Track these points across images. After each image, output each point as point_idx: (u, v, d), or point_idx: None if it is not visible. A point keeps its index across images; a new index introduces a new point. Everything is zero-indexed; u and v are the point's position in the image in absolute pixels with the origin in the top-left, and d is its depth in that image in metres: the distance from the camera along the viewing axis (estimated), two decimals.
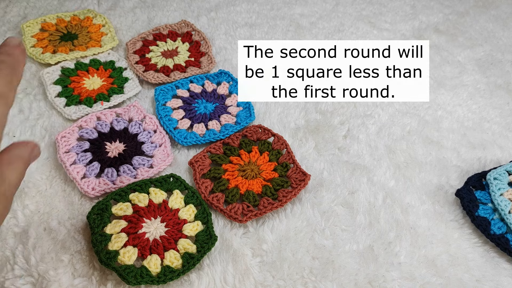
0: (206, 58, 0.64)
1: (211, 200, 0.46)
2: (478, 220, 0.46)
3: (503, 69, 0.67)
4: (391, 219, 0.47)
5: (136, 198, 0.45)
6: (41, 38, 0.63)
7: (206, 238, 0.43)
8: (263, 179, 0.49)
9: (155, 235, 0.43)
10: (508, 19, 0.76)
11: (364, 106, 0.60)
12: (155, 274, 0.40)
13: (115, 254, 0.41)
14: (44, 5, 0.70)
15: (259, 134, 0.53)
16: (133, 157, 0.50)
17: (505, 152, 0.55)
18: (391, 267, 0.43)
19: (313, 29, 0.71)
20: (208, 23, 0.70)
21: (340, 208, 0.48)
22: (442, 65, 0.67)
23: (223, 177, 0.49)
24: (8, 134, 0.52)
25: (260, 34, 0.69)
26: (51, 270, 0.41)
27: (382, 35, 0.71)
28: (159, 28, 0.67)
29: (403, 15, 0.75)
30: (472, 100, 0.62)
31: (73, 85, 0.57)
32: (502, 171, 0.50)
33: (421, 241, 0.45)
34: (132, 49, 0.63)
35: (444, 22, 0.74)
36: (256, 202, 0.47)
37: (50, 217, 0.45)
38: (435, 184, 0.51)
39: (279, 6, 0.75)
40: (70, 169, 0.47)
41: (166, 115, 0.55)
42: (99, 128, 0.52)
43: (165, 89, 0.58)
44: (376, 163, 0.53)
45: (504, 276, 0.43)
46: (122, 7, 0.71)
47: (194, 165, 0.49)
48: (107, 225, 0.43)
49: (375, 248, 0.45)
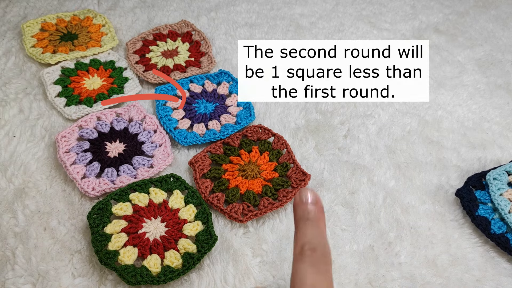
0: (206, 58, 0.64)
1: (211, 200, 0.46)
2: (478, 220, 0.46)
3: (503, 69, 0.67)
4: (391, 219, 0.47)
5: (136, 198, 0.45)
6: (41, 38, 0.63)
7: (206, 238, 0.43)
8: (263, 179, 0.49)
9: (155, 235, 0.43)
10: (508, 19, 0.76)
11: (364, 106, 0.60)
12: (155, 274, 0.40)
13: (115, 254, 0.41)
14: (44, 5, 0.70)
15: (259, 134, 0.53)
16: (133, 157, 0.50)
17: (505, 152, 0.55)
18: (391, 267, 0.43)
19: (313, 29, 0.71)
20: (208, 23, 0.70)
21: (340, 208, 0.48)
22: (442, 65, 0.67)
23: (223, 177, 0.49)
24: (8, 134, 0.52)
25: (260, 34, 0.69)
26: (51, 270, 0.41)
27: (382, 35, 0.71)
28: (159, 28, 0.67)
29: (403, 15, 0.75)
30: (472, 100, 0.62)
31: (73, 85, 0.57)
32: (501, 172, 0.50)
33: (421, 241, 0.45)
34: (132, 49, 0.63)
35: (444, 22, 0.74)
36: (256, 202, 0.47)
37: (50, 217, 0.45)
38: (435, 184, 0.51)
39: (279, 6, 0.75)
40: (70, 169, 0.47)
41: (166, 115, 0.55)
42: (99, 128, 0.52)
43: (165, 89, 0.58)
44: (376, 163, 0.53)
45: (504, 275, 0.43)
46: (122, 7, 0.71)
47: (194, 165, 0.49)
48: (107, 225, 0.43)
49: (375, 248, 0.45)
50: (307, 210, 0.33)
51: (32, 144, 0.51)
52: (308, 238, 0.31)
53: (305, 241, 0.31)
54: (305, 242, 0.31)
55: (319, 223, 0.33)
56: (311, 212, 0.33)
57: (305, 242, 0.31)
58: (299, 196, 0.33)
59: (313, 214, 0.33)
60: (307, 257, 0.30)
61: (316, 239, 0.31)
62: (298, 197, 0.33)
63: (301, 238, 0.32)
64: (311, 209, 0.33)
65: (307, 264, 0.30)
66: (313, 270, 0.30)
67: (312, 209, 0.33)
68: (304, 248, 0.31)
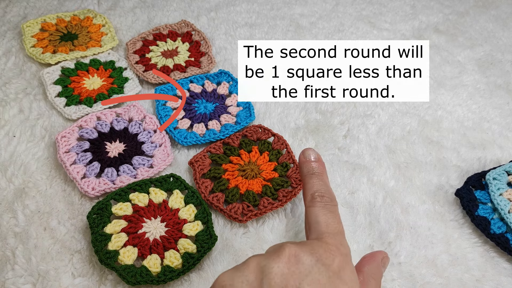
0: (206, 58, 0.64)
1: (211, 200, 0.46)
2: (478, 220, 0.46)
3: (503, 69, 0.67)
4: (391, 219, 0.47)
5: (136, 198, 0.45)
6: (41, 38, 0.63)
7: (206, 238, 0.43)
8: (263, 179, 0.49)
9: (155, 235, 0.43)
10: (508, 19, 0.76)
11: (364, 106, 0.60)
12: (155, 274, 0.40)
13: (115, 254, 0.41)
14: (44, 5, 0.70)
15: (259, 134, 0.53)
16: (133, 157, 0.50)
17: (505, 152, 0.55)
18: (391, 267, 0.43)
19: (313, 29, 0.71)
20: (208, 23, 0.70)
21: (340, 208, 0.48)
22: (442, 65, 0.67)
23: (223, 177, 0.49)
24: (8, 134, 0.52)
25: (260, 34, 0.69)
26: (51, 270, 0.41)
27: (382, 35, 0.71)
28: (159, 28, 0.67)
29: (403, 15, 0.75)
30: (472, 100, 0.62)
31: (73, 85, 0.58)
32: (501, 172, 0.50)
33: (421, 241, 0.45)
34: (132, 49, 0.63)
35: (444, 22, 0.74)
36: (256, 202, 0.47)
37: (50, 217, 0.45)
38: (435, 184, 0.51)
39: (279, 6, 0.75)
40: (70, 169, 0.47)
41: (166, 115, 0.55)
42: (99, 128, 0.52)
43: (165, 89, 0.58)
44: (376, 163, 0.53)
45: (504, 275, 0.43)
46: (122, 7, 0.71)
47: (194, 165, 0.49)
48: (107, 225, 0.43)
49: (375, 248, 0.45)
50: (311, 166, 0.39)
51: (32, 144, 0.51)
52: (316, 188, 0.37)
53: (314, 190, 0.37)
54: (314, 191, 0.37)
55: (323, 176, 0.39)
56: (316, 168, 0.38)
57: (314, 191, 0.37)
58: (303, 155, 0.39)
59: (317, 169, 0.39)
60: (317, 202, 0.36)
61: (323, 188, 0.37)
62: (303, 156, 0.39)
63: (310, 188, 0.37)
64: (315, 165, 0.39)
65: (319, 207, 0.35)
66: (324, 211, 0.35)
67: (316, 165, 0.39)
68: (314, 196, 0.36)
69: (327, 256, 0.30)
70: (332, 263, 0.30)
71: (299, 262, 0.29)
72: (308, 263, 0.29)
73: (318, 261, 0.30)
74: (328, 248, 0.31)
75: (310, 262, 0.29)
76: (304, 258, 0.29)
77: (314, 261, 0.29)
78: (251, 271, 0.29)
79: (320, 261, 0.30)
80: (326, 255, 0.30)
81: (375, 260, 0.36)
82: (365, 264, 0.36)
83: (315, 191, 0.37)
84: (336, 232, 0.34)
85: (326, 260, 0.30)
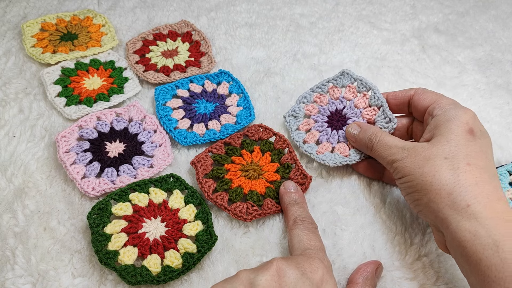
0: (206, 58, 0.64)
1: (215, 198, 0.46)
2: None
3: (503, 69, 0.67)
4: (392, 219, 0.47)
5: (136, 198, 0.45)
6: (41, 38, 0.63)
7: (206, 238, 0.43)
8: (265, 180, 0.49)
9: (155, 234, 0.43)
10: (508, 19, 0.76)
11: None
12: (155, 273, 0.40)
13: (115, 254, 0.41)
14: (44, 5, 0.70)
15: (260, 134, 0.53)
16: (133, 157, 0.50)
17: (505, 152, 0.55)
18: (392, 267, 0.43)
19: (313, 29, 0.71)
20: (208, 23, 0.70)
21: (340, 208, 0.48)
22: (442, 65, 0.67)
23: (225, 177, 0.48)
24: (8, 134, 0.52)
25: (260, 34, 0.69)
26: (51, 270, 0.41)
27: (382, 35, 0.71)
28: (159, 28, 0.67)
29: (403, 15, 0.75)
30: (472, 100, 0.62)
31: (73, 85, 0.57)
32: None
33: (421, 241, 0.45)
34: (132, 49, 0.63)
35: (444, 22, 0.74)
36: (260, 202, 0.46)
37: (50, 217, 0.45)
38: None
39: (279, 6, 0.75)
40: (70, 169, 0.47)
41: (166, 115, 0.55)
42: (99, 128, 0.52)
43: (165, 89, 0.58)
44: None
45: None
46: (122, 7, 0.71)
47: (196, 165, 0.49)
48: (107, 225, 0.43)
49: (376, 248, 0.45)
50: (292, 197, 0.44)
51: (32, 144, 0.51)
52: (298, 214, 0.42)
53: (296, 216, 0.42)
54: (296, 216, 0.41)
55: (303, 204, 0.44)
56: (296, 198, 0.44)
57: (296, 216, 0.41)
58: (283, 187, 0.46)
59: (298, 198, 0.44)
60: (299, 225, 0.40)
61: (304, 213, 0.42)
62: (283, 188, 0.45)
63: (292, 215, 0.42)
64: (295, 196, 0.44)
65: (301, 229, 0.40)
66: (306, 231, 0.40)
67: (296, 195, 0.44)
68: (296, 220, 0.41)
69: (311, 269, 0.34)
70: (315, 276, 0.33)
71: (286, 275, 0.32)
72: (294, 276, 0.32)
73: (303, 275, 0.33)
74: (312, 261, 0.35)
75: (295, 275, 0.32)
76: (290, 272, 0.33)
77: (299, 275, 0.33)
78: (241, 284, 0.32)
79: (305, 275, 0.33)
80: (311, 269, 0.34)
81: (370, 270, 0.39)
82: (360, 274, 0.38)
83: (297, 216, 0.41)
84: (319, 248, 0.38)
85: (310, 274, 0.33)
